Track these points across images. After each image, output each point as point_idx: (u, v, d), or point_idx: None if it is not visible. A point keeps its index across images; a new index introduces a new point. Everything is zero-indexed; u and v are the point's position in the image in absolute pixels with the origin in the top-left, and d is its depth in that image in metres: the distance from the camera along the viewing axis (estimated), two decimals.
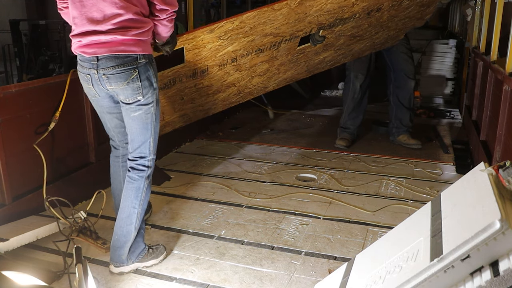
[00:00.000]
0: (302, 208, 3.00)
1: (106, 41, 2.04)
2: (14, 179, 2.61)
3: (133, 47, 2.07)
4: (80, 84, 3.05)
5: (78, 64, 2.18)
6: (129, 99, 2.13)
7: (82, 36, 2.07)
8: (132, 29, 2.05)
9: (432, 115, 5.50)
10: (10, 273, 1.85)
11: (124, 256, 2.26)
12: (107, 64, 2.06)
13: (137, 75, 2.10)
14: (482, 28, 4.35)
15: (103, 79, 2.10)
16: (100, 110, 2.32)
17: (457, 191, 1.79)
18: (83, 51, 2.09)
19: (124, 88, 2.10)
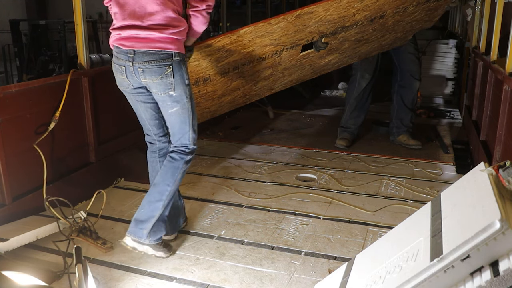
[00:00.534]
0: (302, 208, 3.00)
1: (145, 37, 2.16)
2: (14, 179, 2.61)
3: (169, 45, 2.18)
4: (80, 84, 3.10)
5: (113, 56, 2.29)
6: (161, 93, 2.25)
7: (121, 29, 2.20)
8: (170, 28, 2.17)
9: (432, 115, 5.50)
10: (10, 273, 1.85)
11: (146, 231, 2.32)
12: (143, 58, 2.18)
13: (171, 72, 2.21)
14: (482, 28, 4.35)
15: (138, 72, 2.21)
16: (134, 101, 2.39)
17: (457, 191, 1.79)
18: (120, 44, 2.22)
19: (158, 82, 2.21)
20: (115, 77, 2.35)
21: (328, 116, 5.59)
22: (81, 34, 3.06)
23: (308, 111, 5.84)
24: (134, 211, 2.94)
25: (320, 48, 3.32)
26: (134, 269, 2.32)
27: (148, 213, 2.32)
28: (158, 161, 2.48)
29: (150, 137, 2.49)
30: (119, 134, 3.55)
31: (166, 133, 2.46)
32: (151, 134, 2.47)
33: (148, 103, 2.37)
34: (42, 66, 9.10)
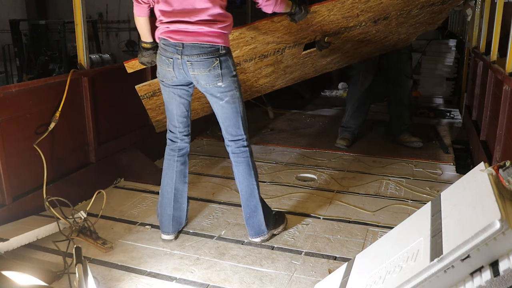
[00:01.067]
0: (302, 208, 3.00)
1: (193, 31, 2.24)
2: (14, 179, 2.61)
3: (216, 39, 2.27)
4: (80, 84, 3.09)
5: (160, 48, 2.35)
6: (209, 84, 2.32)
7: (170, 23, 2.27)
8: (217, 23, 2.26)
9: (432, 115, 5.49)
10: (10, 273, 1.85)
11: (263, 226, 2.53)
12: (192, 51, 2.26)
13: (218, 64, 2.29)
14: (482, 28, 4.35)
15: (186, 65, 2.29)
16: (171, 95, 2.44)
17: (457, 191, 1.79)
18: (169, 36, 2.28)
19: (206, 74, 2.29)
20: (158, 68, 2.41)
21: (328, 116, 5.59)
22: (81, 34, 3.06)
23: (308, 111, 5.84)
24: (134, 211, 2.96)
25: (323, 47, 3.32)
26: (134, 269, 2.32)
27: (253, 214, 2.52)
28: (175, 160, 2.53)
29: (174, 135, 2.53)
30: (119, 134, 3.55)
31: (189, 133, 2.56)
32: (176, 131, 2.52)
33: (183, 99, 2.45)
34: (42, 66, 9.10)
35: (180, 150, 2.54)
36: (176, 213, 2.57)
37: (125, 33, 13.73)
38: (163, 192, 2.59)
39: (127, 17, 13.52)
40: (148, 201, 3.12)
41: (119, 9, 13.49)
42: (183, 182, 2.59)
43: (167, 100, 2.47)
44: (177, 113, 2.48)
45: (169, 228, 2.57)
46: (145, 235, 2.66)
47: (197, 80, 2.33)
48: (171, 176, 2.55)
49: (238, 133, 2.43)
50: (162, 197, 2.59)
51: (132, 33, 13.46)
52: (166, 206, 2.56)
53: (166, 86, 2.43)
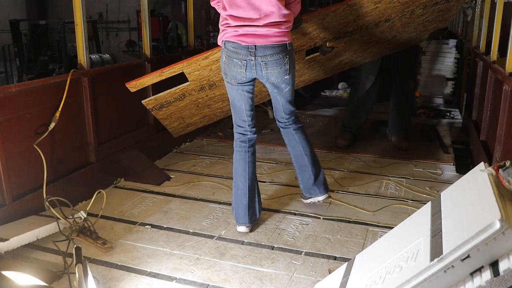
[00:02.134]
0: (302, 208, 3.00)
1: (263, 34, 2.43)
2: (14, 179, 2.61)
3: (284, 37, 2.48)
4: (80, 84, 3.09)
5: (229, 51, 2.48)
6: (278, 79, 2.57)
7: (238, 27, 2.43)
8: (284, 23, 2.45)
9: (432, 115, 5.49)
10: (10, 273, 1.85)
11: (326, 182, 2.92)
12: (265, 52, 2.46)
13: (287, 60, 2.52)
14: (482, 28, 4.35)
15: (260, 65, 2.48)
16: (240, 92, 2.60)
17: (457, 191, 1.79)
18: (240, 40, 2.44)
19: (278, 72, 2.52)
20: (226, 70, 2.54)
21: (328, 116, 5.59)
22: (81, 34, 3.06)
23: (308, 111, 5.83)
24: (134, 211, 2.96)
25: (326, 51, 3.35)
26: (134, 269, 2.32)
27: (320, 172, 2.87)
28: (246, 151, 2.69)
29: (243, 129, 2.70)
30: (119, 134, 3.55)
31: (255, 124, 2.73)
32: (245, 125, 2.68)
33: (250, 94, 2.64)
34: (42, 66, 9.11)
35: (250, 141, 2.70)
36: (251, 204, 2.66)
37: (125, 33, 13.73)
38: (237, 184, 2.69)
39: (127, 17, 13.52)
40: (148, 201, 3.12)
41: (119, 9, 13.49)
42: (254, 172, 2.72)
43: (236, 97, 2.63)
44: (245, 108, 2.65)
45: (246, 219, 2.65)
46: (145, 235, 2.66)
47: (267, 77, 2.54)
48: (244, 167, 2.67)
49: (292, 109, 2.76)
50: (237, 189, 2.68)
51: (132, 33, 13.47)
52: (242, 197, 2.65)
53: (236, 85, 2.58)
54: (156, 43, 10.02)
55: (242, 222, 2.67)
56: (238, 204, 2.67)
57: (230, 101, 2.69)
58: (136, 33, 12.81)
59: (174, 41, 10.56)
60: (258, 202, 2.74)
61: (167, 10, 12.20)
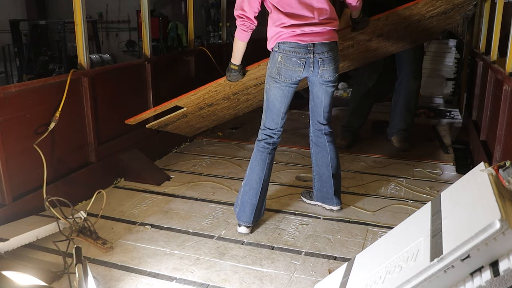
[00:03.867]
0: (302, 208, 3.00)
1: (318, 31, 2.51)
2: (14, 179, 2.61)
3: (335, 34, 2.61)
4: (80, 84, 3.09)
5: (287, 51, 2.52)
6: (331, 77, 2.63)
7: (295, 27, 2.49)
8: (334, 21, 2.57)
9: (432, 115, 5.49)
10: (10, 273, 1.85)
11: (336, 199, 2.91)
12: (323, 49, 2.54)
13: (338, 57, 2.65)
14: (482, 28, 4.35)
15: (318, 62, 2.55)
16: (285, 93, 2.63)
17: (457, 191, 1.79)
18: (299, 39, 2.50)
19: (332, 68, 2.60)
20: (280, 70, 2.55)
21: None
22: (81, 34, 3.06)
23: (308, 111, 5.81)
24: (134, 211, 2.96)
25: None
26: (134, 269, 2.32)
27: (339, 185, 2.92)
28: (268, 153, 2.69)
29: (272, 131, 2.69)
30: (119, 134, 3.55)
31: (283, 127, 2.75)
32: (276, 127, 2.69)
33: (291, 96, 2.67)
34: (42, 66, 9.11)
35: (273, 144, 2.72)
36: (259, 204, 2.67)
37: (125, 33, 13.74)
38: (251, 183, 2.66)
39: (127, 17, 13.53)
40: (148, 201, 3.12)
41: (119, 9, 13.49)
42: (270, 174, 2.74)
43: (279, 98, 2.63)
44: (284, 110, 2.67)
45: (250, 218, 2.65)
46: (145, 235, 2.66)
47: (322, 74, 2.60)
48: (262, 168, 2.66)
49: (330, 116, 2.79)
50: (250, 188, 2.66)
51: (132, 33, 13.48)
52: (252, 197, 2.65)
53: (285, 85, 2.60)
54: (156, 43, 10.03)
55: (245, 221, 2.66)
56: (245, 203, 2.66)
57: (268, 103, 2.66)
58: (136, 33, 12.83)
59: (174, 41, 10.57)
60: (264, 204, 2.75)
61: (167, 10, 12.21)
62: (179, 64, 4.41)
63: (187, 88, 3.15)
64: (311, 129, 2.86)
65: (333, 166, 2.84)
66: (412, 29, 3.45)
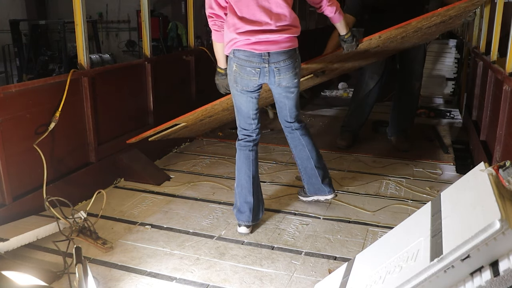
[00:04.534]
0: (302, 208, 3.00)
1: (274, 40, 2.43)
2: (14, 179, 2.61)
3: (293, 42, 2.51)
4: (80, 84, 3.09)
5: (241, 59, 2.46)
6: (289, 83, 2.58)
7: (249, 34, 2.41)
8: (293, 27, 2.47)
9: (432, 115, 5.49)
10: (10, 273, 1.85)
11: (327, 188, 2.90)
12: (278, 58, 2.46)
13: (297, 64, 2.57)
14: (482, 28, 4.35)
15: (273, 71, 2.49)
16: (248, 99, 2.59)
17: (457, 191, 1.79)
18: (253, 48, 2.42)
19: (289, 76, 2.54)
20: (236, 79, 2.52)
21: (328, 116, 5.59)
22: (81, 34, 3.06)
23: (308, 111, 5.83)
24: (134, 211, 2.96)
25: (318, 75, 3.45)
26: (134, 269, 2.32)
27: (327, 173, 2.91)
28: (250, 150, 2.68)
29: (247, 131, 2.67)
30: (119, 134, 3.54)
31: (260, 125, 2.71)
32: (250, 128, 2.67)
33: (257, 99, 2.64)
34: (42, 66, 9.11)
35: (254, 141, 2.69)
36: (255, 203, 2.65)
37: (125, 33, 13.74)
38: (241, 183, 2.66)
39: (127, 17, 13.52)
40: (148, 201, 3.12)
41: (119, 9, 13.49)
42: (258, 171, 2.71)
43: (244, 104, 2.61)
44: (252, 112, 2.64)
45: (250, 217, 2.63)
46: (145, 235, 2.66)
47: (279, 83, 2.55)
48: (248, 165, 2.65)
49: (297, 114, 2.76)
50: (242, 188, 2.66)
51: (132, 33, 13.48)
52: (246, 195, 2.64)
53: (246, 92, 2.56)
54: (156, 43, 10.03)
55: (245, 220, 2.65)
56: (242, 203, 2.66)
57: (237, 108, 2.67)
58: (136, 33, 12.83)
59: (174, 41, 10.57)
60: (262, 202, 2.74)
61: (167, 10, 12.21)
62: (179, 64, 4.40)
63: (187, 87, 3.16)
64: (282, 127, 2.86)
65: (313, 157, 2.84)
66: (410, 38, 3.45)
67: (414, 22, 2.96)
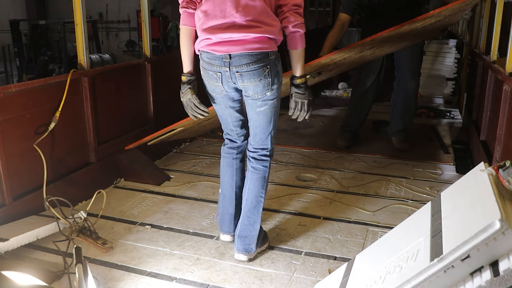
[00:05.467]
0: (302, 208, 3.00)
1: (239, 39, 2.04)
2: (14, 179, 2.61)
3: (265, 44, 2.06)
4: (80, 84, 3.09)
5: (204, 62, 2.16)
6: (258, 95, 2.16)
7: (210, 32, 2.06)
8: (264, 25, 2.04)
9: (432, 115, 5.50)
10: (10, 273, 1.85)
11: (253, 245, 2.36)
12: (241, 61, 2.06)
13: (268, 72, 2.10)
14: (482, 28, 4.35)
15: (236, 76, 2.10)
16: (223, 106, 2.29)
17: (457, 191, 1.79)
18: (213, 50, 2.08)
19: (256, 85, 2.12)
20: (205, 83, 2.24)
21: (328, 116, 5.59)
22: (81, 34, 3.06)
23: None
24: (134, 211, 2.96)
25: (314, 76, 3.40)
26: (134, 269, 2.32)
27: (249, 228, 2.34)
28: (234, 157, 2.43)
29: (231, 136, 2.43)
30: (119, 134, 3.55)
31: (246, 133, 2.41)
32: (233, 134, 2.41)
33: (235, 107, 2.30)
34: (42, 66, 9.10)
35: (238, 148, 2.44)
36: (238, 213, 2.45)
37: (125, 33, 13.75)
38: (223, 192, 2.48)
39: (127, 17, 13.53)
40: (148, 201, 3.12)
41: (119, 9, 13.50)
42: (242, 179, 2.45)
43: (219, 110, 2.34)
44: (231, 120, 2.35)
45: (231, 227, 2.49)
46: (145, 235, 2.66)
47: (246, 90, 2.17)
48: (231, 174, 2.44)
49: (265, 143, 2.30)
50: (223, 197, 2.49)
51: (132, 33, 13.48)
52: (228, 206, 2.46)
53: (218, 98, 2.27)
54: (156, 43, 10.03)
55: (226, 231, 2.51)
56: (224, 213, 2.50)
57: (217, 113, 2.39)
58: (136, 33, 12.84)
59: (174, 41, 10.57)
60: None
61: (167, 10, 12.22)
62: (179, 64, 4.39)
63: None
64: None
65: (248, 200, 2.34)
66: (407, 37, 3.45)
67: (407, 25, 2.96)
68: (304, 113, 2.24)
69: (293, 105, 2.25)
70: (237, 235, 2.37)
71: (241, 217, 2.37)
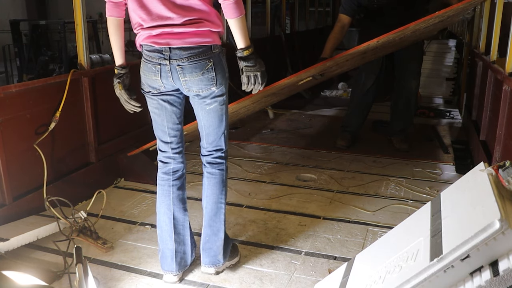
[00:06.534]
0: (302, 208, 3.00)
1: (179, 32, 1.96)
2: (14, 179, 2.61)
3: (206, 38, 1.99)
4: (80, 84, 3.10)
5: (145, 54, 2.07)
6: (202, 91, 2.04)
7: (152, 28, 2.00)
8: (206, 21, 1.97)
9: (432, 115, 5.50)
10: (10, 273, 1.85)
11: (220, 256, 2.22)
12: (181, 54, 1.98)
13: (211, 66, 2.01)
14: (482, 28, 4.35)
15: (176, 70, 2.00)
16: (158, 105, 2.13)
17: (457, 191, 1.79)
18: (154, 42, 2.00)
19: (199, 79, 2.01)
20: (142, 79, 2.14)
21: (328, 116, 5.60)
22: (81, 34, 3.06)
23: (308, 111, 5.84)
24: (134, 211, 2.96)
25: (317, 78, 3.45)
26: (134, 269, 2.32)
27: (213, 238, 2.21)
28: (170, 185, 2.17)
29: (165, 154, 2.18)
30: (119, 134, 3.55)
31: (183, 151, 2.22)
32: (168, 149, 2.17)
33: (174, 107, 2.13)
34: (42, 66, 9.10)
35: (174, 173, 2.18)
36: (179, 248, 2.20)
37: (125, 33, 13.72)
38: (160, 224, 2.20)
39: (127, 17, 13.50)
40: (148, 201, 3.12)
41: None
42: (182, 209, 2.20)
43: (155, 112, 2.14)
44: (168, 125, 2.14)
45: (172, 266, 2.18)
46: (145, 235, 2.66)
47: (189, 87, 2.04)
48: (167, 204, 2.17)
49: (219, 144, 2.16)
50: (161, 230, 2.20)
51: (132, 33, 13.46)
52: (166, 241, 2.19)
53: (154, 95, 2.12)
54: None
55: (168, 270, 2.20)
56: (164, 249, 2.20)
57: (151, 116, 2.19)
58: None
59: None
60: (191, 245, 2.26)
61: None
62: None
63: None
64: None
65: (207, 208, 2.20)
66: (408, 37, 3.45)
67: (412, 26, 2.97)
68: (259, 86, 2.06)
69: (246, 80, 2.05)
70: (201, 248, 2.23)
71: (203, 227, 2.22)
